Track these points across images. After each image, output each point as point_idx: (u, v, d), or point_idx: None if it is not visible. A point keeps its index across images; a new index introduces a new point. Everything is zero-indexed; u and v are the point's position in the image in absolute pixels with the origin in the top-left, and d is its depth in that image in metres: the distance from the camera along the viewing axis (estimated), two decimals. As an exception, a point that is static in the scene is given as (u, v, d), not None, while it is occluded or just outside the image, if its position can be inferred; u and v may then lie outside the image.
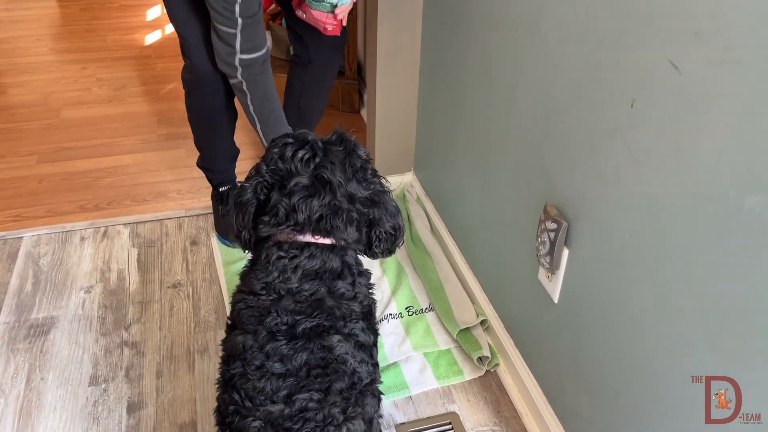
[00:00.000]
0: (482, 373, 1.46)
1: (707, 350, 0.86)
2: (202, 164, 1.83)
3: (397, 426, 1.35)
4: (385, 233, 1.07)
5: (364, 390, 0.92)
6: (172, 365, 1.49)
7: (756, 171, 0.73)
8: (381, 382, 1.04)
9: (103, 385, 1.43)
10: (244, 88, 1.51)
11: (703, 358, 0.87)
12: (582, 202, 1.09)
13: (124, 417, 1.37)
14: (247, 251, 1.10)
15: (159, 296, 1.67)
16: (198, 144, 1.79)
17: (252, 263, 1.05)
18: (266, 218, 1.00)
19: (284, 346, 0.90)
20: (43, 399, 1.40)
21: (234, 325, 1.00)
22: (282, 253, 0.98)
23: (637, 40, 0.89)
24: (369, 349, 0.98)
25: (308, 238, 0.99)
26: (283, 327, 0.92)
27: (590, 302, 1.11)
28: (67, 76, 2.84)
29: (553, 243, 1.15)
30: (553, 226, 1.14)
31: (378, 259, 1.75)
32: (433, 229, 1.84)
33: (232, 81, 1.53)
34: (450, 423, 1.36)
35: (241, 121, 1.80)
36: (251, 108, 1.55)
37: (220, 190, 1.86)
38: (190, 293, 1.68)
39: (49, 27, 3.38)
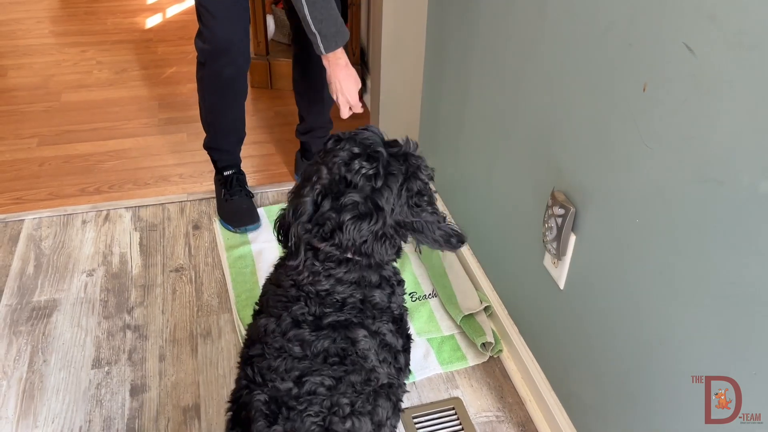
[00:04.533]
0: (486, 359, 1.46)
1: (709, 347, 0.86)
2: (208, 144, 1.84)
3: (401, 411, 1.35)
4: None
5: (380, 390, 0.89)
6: (175, 349, 1.48)
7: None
8: (406, 391, 1.01)
9: (106, 368, 1.43)
10: None
11: (704, 356, 0.87)
12: (590, 187, 1.08)
13: (127, 400, 1.37)
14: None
15: (161, 280, 1.67)
16: (206, 120, 1.80)
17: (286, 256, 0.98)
18: (310, 226, 0.92)
19: (307, 334, 0.88)
20: (46, 381, 1.40)
21: (260, 310, 0.99)
22: (317, 263, 0.92)
23: (650, 22, 0.88)
24: (394, 351, 0.95)
25: (347, 254, 0.93)
26: (310, 318, 0.90)
27: (597, 289, 1.11)
28: (67, 59, 2.81)
29: (560, 229, 1.15)
30: (561, 211, 1.14)
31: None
32: (437, 216, 1.84)
33: None
34: (453, 408, 1.36)
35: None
36: None
37: (225, 174, 1.86)
38: (193, 277, 1.68)
39: (48, 9, 3.35)
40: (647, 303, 0.98)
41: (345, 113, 1.52)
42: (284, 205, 0.98)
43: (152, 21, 3.23)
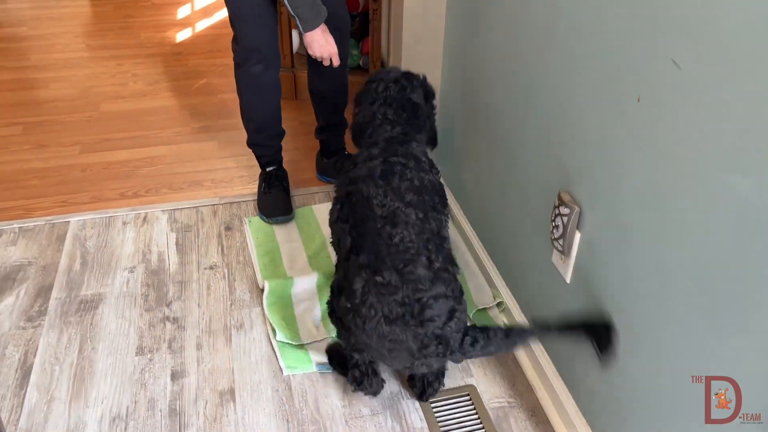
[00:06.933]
0: None
1: (707, 342, 0.94)
2: (249, 141, 2.03)
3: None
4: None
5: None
6: (211, 339, 1.61)
7: (748, 157, 0.83)
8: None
9: (149, 355, 1.56)
10: None
11: (703, 353, 0.93)
12: (593, 188, 1.19)
13: (168, 384, 1.49)
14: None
15: (197, 276, 1.80)
16: (246, 117, 1.98)
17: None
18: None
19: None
20: (95, 366, 1.53)
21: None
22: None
23: (643, 40, 0.99)
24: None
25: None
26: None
27: (600, 282, 1.21)
28: (104, 71, 2.98)
29: (566, 227, 1.25)
30: (566, 211, 1.24)
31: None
32: (453, 219, 1.95)
33: None
34: (468, 395, 1.47)
35: (283, 115, 1.99)
36: None
37: (267, 170, 2.05)
38: (226, 274, 1.81)
39: (84, 25, 3.53)
40: (645, 294, 1.08)
41: (327, 63, 1.81)
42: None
43: (182, 35, 3.39)
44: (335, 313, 1.35)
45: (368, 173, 1.37)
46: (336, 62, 1.81)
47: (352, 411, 1.44)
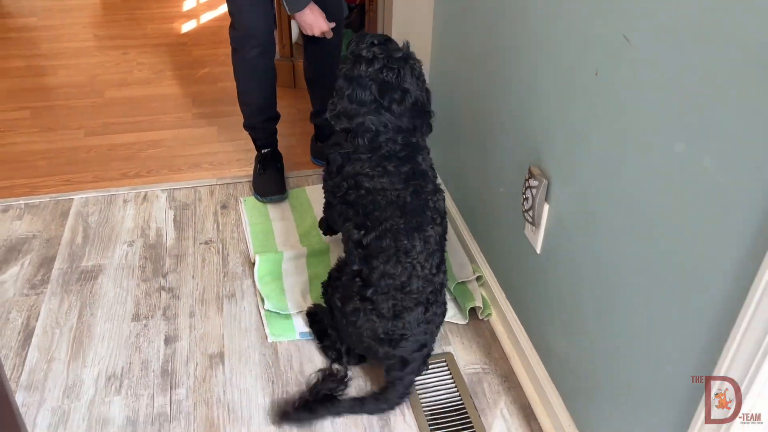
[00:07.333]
0: (464, 322, 1.64)
1: (674, 313, 1.01)
2: (245, 123, 2.11)
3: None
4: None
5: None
6: (203, 307, 1.69)
7: (691, 127, 0.90)
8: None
9: (144, 322, 1.65)
10: None
11: (670, 325, 0.99)
12: (559, 161, 1.26)
13: (162, 347, 1.58)
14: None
15: (192, 251, 1.88)
16: (242, 101, 2.06)
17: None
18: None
19: (392, 165, 1.39)
20: (93, 331, 1.62)
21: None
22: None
23: (599, 18, 1.07)
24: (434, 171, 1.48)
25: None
26: (392, 152, 1.41)
27: (568, 252, 1.28)
28: (110, 60, 3.08)
29: (534, 199, 1.33)
30: (535, 183, 1.32)
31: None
32: (440, 200, 2.02)
33: None
34: (445, 361, 1.54)
35: (281, 102, 2.06)
36: None
37: (262, 152, 2.14)
38: (220, 249, 1.89)
39: (92, 16, 3.63)
40: (610, 264, 1.14)
41: (319, 35, 1.88)
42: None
43: (187, 26, 3.49)
44: (326, 294, 1.53)
45: (397, 206, 1.38)
46: (329, 36, 1.90)
47: (335, 375, 1.52)
